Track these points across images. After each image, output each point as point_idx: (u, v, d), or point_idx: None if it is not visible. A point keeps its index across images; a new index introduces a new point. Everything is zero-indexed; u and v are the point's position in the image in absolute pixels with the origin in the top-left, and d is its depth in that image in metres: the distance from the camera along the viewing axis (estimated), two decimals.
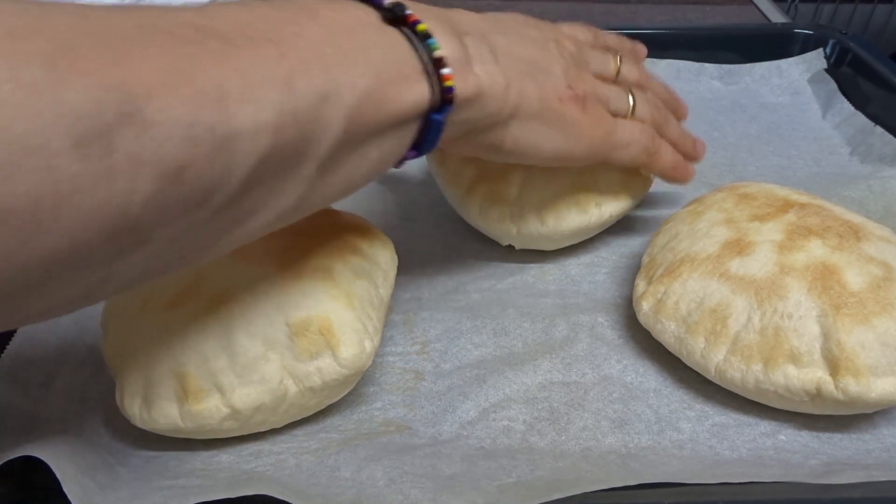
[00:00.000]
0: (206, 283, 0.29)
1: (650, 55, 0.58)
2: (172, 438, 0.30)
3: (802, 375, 0.29)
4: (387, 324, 0.35)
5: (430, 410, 0.32)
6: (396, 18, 0.26)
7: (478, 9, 0.32)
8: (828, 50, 0.57)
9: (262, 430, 0.30)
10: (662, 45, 0.58)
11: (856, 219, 0.33)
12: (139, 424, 0.28)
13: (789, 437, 0.30)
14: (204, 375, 0.28)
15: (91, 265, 0.19)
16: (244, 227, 0.23)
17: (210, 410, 0.27)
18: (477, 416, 0.31)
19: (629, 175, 0.39)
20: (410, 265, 0.40)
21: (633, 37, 0.58)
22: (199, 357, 0.28)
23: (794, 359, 0.29)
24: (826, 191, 0.44)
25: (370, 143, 0.25)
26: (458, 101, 0.26)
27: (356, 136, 0.24)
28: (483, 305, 0.37)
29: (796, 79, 0.57)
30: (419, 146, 0.27)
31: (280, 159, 0.22)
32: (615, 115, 0.35)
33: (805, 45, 0.58)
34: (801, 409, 0.30)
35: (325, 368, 0.28)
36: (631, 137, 0.35)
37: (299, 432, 0.31)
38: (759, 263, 0.31)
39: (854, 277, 0.30)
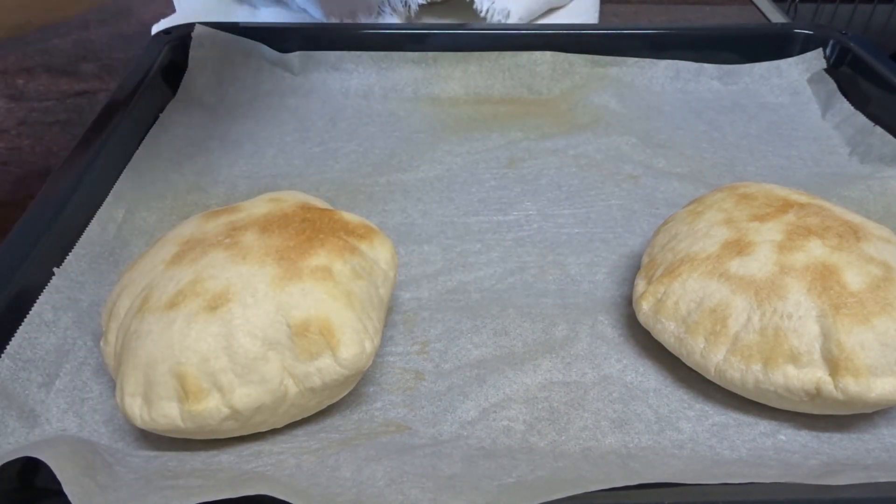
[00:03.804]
0: (206, 283, 0.29)
1: (650, 55, 0.58)
2: (172, 438, 0.30)
3: (802, 375, 0.29)
4: (387, 324, 0.36)
5: (430, 410, 0.32)
6: None
7: None
8: (828, 50, 0.57)
9: (263, 430, 0.30)
10: (662, 45, 0.58)
11: (856, 219, 0.33)
12: (139, 424, 0.28)
13: (789, 437, 0.30)
14: (204, 375, 0.28)
15: None
16: None
17: (210, 411, 0.27)
18: (477, 416, 0.31)
19: None
20: (410, 265, 0.40)
21: (633, 37, 0.59)
22: (199, 357, 0.28)
23: (794, 359, 0.29)
24: (826, 191, 0.44)
25: None
26: None
27: None
28: (483, 305, 0.37)
29: (796, 79, 0.57)
30: None
31: None
32: None
33: (805, 45, 0.58)
34: (801, 409, 0.30)
35: (325, 369, 0.28)
36: None
37: (299, 432, 0.31)
38: (759, 263, 0.31)
39: (854, 277, 0.30)
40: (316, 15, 0.62)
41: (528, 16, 0.63)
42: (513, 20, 0.62)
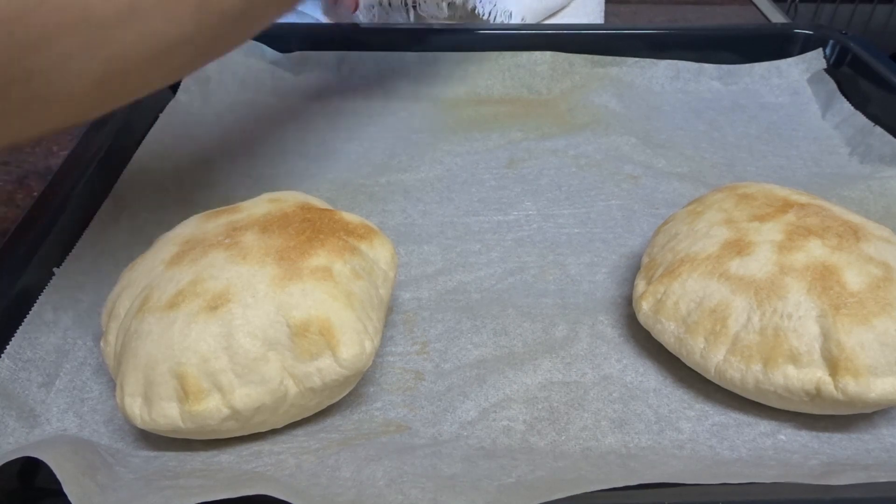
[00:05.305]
0: (206, 283, 0.29)
1: (650, 55, 0.58)
2: (172, 438, 0.30)
3: (802, 375, 0.29)
4: (387, 324, 0.36)
5: (430, 410, 0.32)
6: None
7: None
8: (828, 50, 0.57)
9: (263, 430, 0.30)
10: (662, 45, 0.58)
11: (855, 219, 0.33)
12: (139, 424, 0.28)
13: (789, 437, 0.30)
14: (204, 375, 0.28)
15: None
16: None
17: (210, 411, 0.27)
18: (477, 416, 0.31)
19: None
20: (410, 265, 0.40)
21: (633, 37, 0.59)
22: (199, 357, 0.28)
23: (794, 359, 0.29)
24: (826, 191, 0.44)
25: None
26: None
27: None
28: (483, 305, 0.37)
29: (796, 79, 0.57)
30: None
31: None
32: None
33: (805, 45, 0.58)
34: (801, 409, 0.30)
35: (325, 369, 0.28)
36: None
37: (299, 432, 0.31)
38: (759, 263, 0.31)
39: (853, 278, 0.30)
40: (315, 15, 0.62)
41: (531, 17, 0.63)
42: (515, 21, 0.62)
